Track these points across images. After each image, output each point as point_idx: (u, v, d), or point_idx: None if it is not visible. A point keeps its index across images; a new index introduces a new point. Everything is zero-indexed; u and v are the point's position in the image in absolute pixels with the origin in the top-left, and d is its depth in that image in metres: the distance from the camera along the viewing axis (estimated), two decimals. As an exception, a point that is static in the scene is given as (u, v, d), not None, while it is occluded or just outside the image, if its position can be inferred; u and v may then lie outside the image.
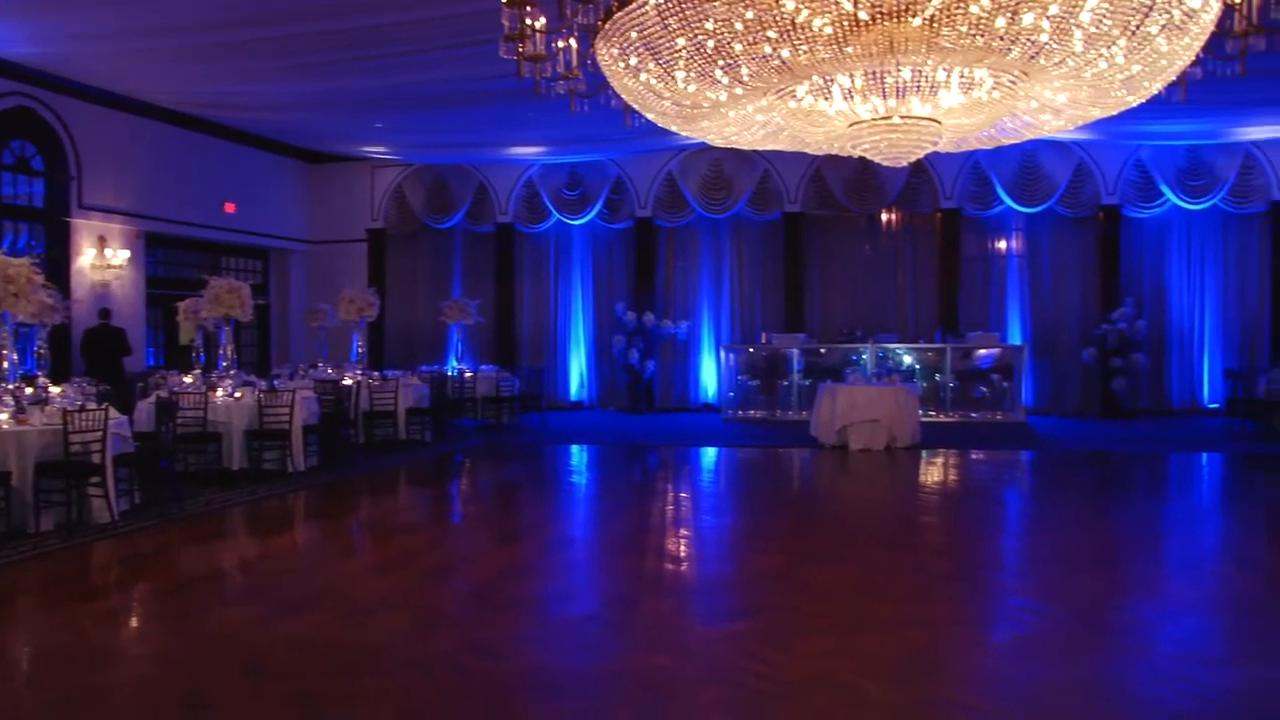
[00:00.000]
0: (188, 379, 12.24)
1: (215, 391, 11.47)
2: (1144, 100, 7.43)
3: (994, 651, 5.54)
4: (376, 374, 15.06)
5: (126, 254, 15.50)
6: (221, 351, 12.26)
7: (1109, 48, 6.29)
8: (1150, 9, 5.94)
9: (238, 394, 11.47)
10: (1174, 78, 7.11)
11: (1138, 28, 6.06)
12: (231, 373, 12.13)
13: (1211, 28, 6.46)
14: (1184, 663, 5.19)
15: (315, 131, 18.02)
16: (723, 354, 18.33)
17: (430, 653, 5.40)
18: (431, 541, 8.59)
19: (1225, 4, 6.39)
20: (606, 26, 6.70)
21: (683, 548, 8.31)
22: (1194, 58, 6.82)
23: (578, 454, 14.04)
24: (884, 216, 19.06)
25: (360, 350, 15.96)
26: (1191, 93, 7.81)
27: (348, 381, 13.67)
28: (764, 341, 18.03)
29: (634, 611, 6.31)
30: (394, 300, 20.22)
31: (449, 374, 16.54)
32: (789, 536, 8.51)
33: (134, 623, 6.35)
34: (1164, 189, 17.70)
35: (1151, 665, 5.18)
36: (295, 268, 20.31)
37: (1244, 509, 10.27)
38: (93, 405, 8.93)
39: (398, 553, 8.05)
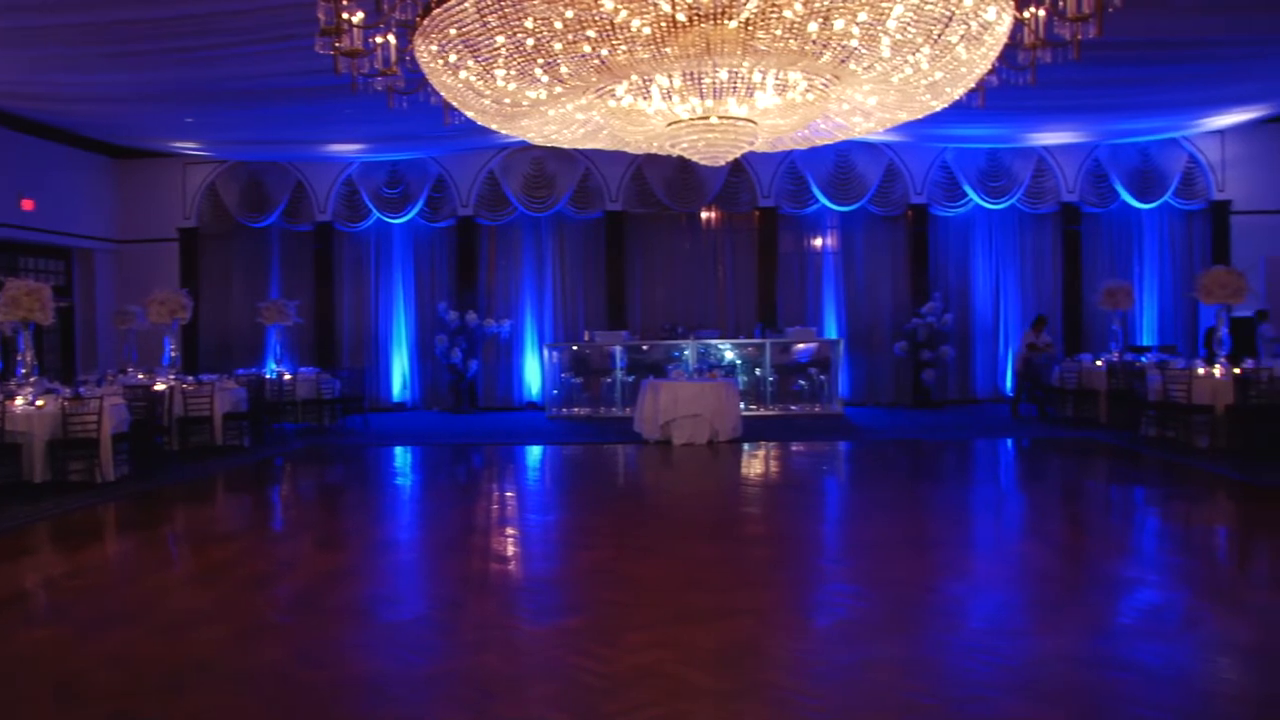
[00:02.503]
0: (-18, 387, 11.56)
1: (14, 400, 10.87)
2: (947, 105, 7.83)
3: (815, 636, 5.72)
4: (191, 378, 14.52)
5: (-91, 254, 14.52)
6: (20, 358, 11.58)
7: (914, 54, 6.60)
8: (950, 19, 6.25)
9: (39, 402, 10.89)
10: (973, 85, 7.53)
11: (939, 36, 6.38)
12: (32, 379, 11.47)
13: (1004, 40, 6.86)
14: (990, 636, 5.49)
15: (121, 125, 17.17)
16: (546, 352, 18.34)
17: (255, 664, 5.26)
18: (251, 549, 8.34)
19: (1016, 18, 6.79)
20: (425, 23, 6.65)
21: (509, 547, 8.29)
22: (990, 67, 7.23)
23: (401, 455, 13.84)
24: (704, 215, 19.43)
25: (173, 354, 15.36)
26: (989, 99, 8.29)
27: (160, 386, 13.14)
28: (587, 339, 18.13)
29: (461, 612, 6.28)
30: (208, 302, 19.55)
31: (267, 377, 16.07)
32: (614, 532, 8.59)
33: (-74, 646, 5.97)
34: (967, 189, 18.62)
35: (961, 640, 5.45)
36: (101, 268, 19.35)
37: (1040, 489, 10.89)
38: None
39: (216, 562, 7.78)
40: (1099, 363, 15.38)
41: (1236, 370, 12.41)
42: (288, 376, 16.37)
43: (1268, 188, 18.22)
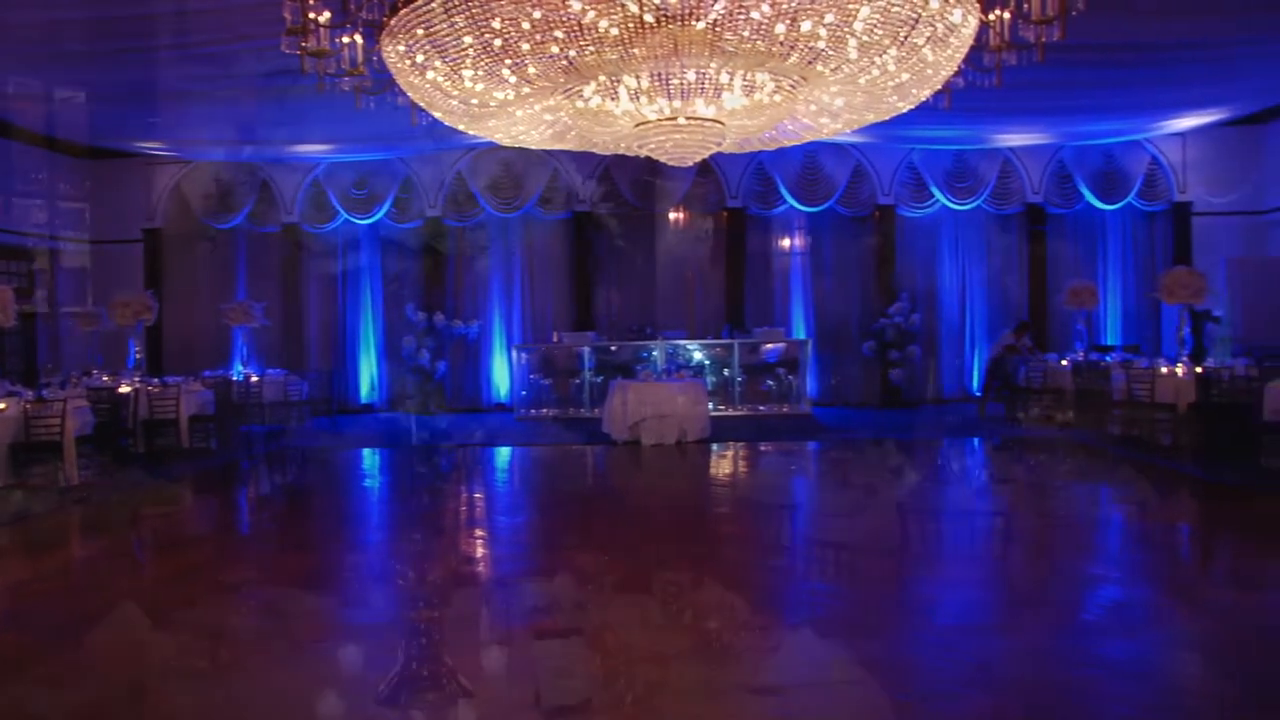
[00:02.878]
0: (-59, 390, 11.41)
1: (-26, 403, 10.75)
2: (913, 106, 7.87)
3: (790, 635, 5.74)
4: (156, 380, 14.38)
5: None
6: (-20, 360, 11.47)
7: (881, 56, 6.63)
8: (917, 22, 6.28)
9: (1, 405, 10.76)
10: (939, 86, 7.56)
11: (906, 38, 6.41)
12: (-8, 382, 11.37)
13: (970, 42, 6.90)
14: (961, 634, 5.53)
15: (85, 125, 16.93)
16: (514, 353, 18.29)
17: (223, 668, 5.21)
18: (219, 553, 8.27)
19: (981, 21, 6.84)
20: (392, 23, 6.62)
21: (479, 549, 8.27)
22: (956, 69, 7.27)
23: (370, 458, 13.77)
24: (672, 215, 19.41)
25: (138, 356, 15.21)
26: (955, 101, 8.33)
27: (125, 389, 12.99)
28: (555, 340, 18.09)
29: (432, 615, 6.25)
30: (174, 303, 19.30)
31: (234, 378, 15.94)
32: (584, 533, 8.59)
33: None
34: (934, 190, 18.71)
35: (933, 638, 5.49)
36: (65, 269, 19.09)
37: (1008, 488, 10.99)
38: None
39: (182, 567, 7.71)
40: (1064, 362, 15.49)
41: (1199, 369, 12.55)
42: (255, 378, 16.23)
43: (1228, 189, 18.43)
